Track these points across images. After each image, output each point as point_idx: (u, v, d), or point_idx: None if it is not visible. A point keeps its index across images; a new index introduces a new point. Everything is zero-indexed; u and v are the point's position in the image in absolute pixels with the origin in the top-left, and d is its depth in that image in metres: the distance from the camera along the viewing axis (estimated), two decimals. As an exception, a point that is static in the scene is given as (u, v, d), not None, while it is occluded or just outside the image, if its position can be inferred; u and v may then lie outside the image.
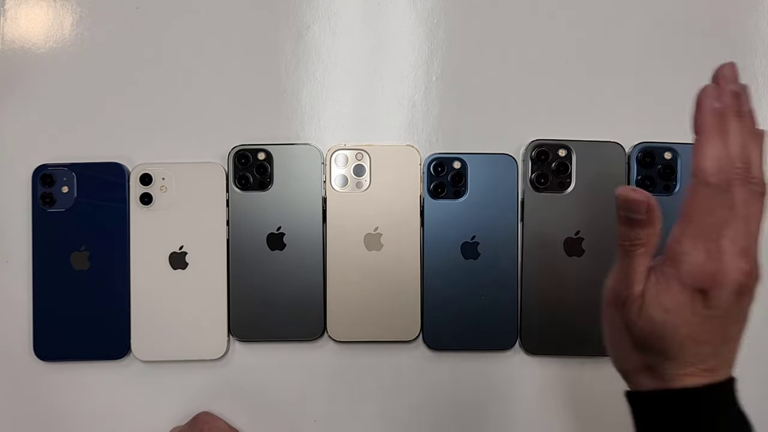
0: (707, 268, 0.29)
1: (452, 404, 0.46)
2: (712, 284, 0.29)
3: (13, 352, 0.46)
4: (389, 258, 0.45)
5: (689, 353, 0.30)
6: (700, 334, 0.30)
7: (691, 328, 0.29)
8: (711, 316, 0.29)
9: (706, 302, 0.29)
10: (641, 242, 0.31)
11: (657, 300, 0.30)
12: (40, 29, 0.47)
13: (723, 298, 0.29)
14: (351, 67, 0.47)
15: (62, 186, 0.45)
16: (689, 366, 0.30)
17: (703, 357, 0.30)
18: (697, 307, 0.29)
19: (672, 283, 0.29)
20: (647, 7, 0.47)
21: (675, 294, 0.29)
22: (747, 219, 0.29)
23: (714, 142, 0.29)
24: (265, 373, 0.46)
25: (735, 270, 0.28)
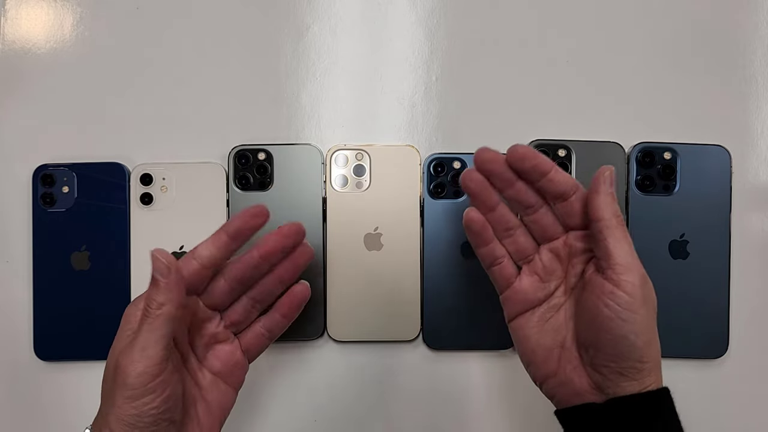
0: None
1: (452, 404, 0.46)
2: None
3: (13, 351, 0.46)
4: (389, 258, 0.45)
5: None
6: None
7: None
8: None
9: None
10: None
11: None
12: (41, 29, 0.47)
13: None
14: (351, 67, 0.47)
15: (63, 186, 0.45)
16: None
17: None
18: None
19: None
20: (647, 8, 0.47)
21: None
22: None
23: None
24: (265, 373, 0.46)
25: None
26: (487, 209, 0.36)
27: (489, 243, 0.37)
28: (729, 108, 0.47)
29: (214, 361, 0.37)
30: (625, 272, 0.32)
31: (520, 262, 0.37)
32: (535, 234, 0.37)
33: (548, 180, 0.34)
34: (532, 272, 0.37)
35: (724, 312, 0.44)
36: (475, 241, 0.37)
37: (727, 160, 0.45)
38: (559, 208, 0.35)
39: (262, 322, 0.38)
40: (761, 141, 0.46)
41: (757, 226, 0.46)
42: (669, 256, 0.44)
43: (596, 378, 0.33)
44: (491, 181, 0.35)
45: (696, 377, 0.45)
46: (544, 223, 0.36)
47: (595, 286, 0.33)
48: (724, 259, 0.44)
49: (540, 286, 0.36)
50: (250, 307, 0.37)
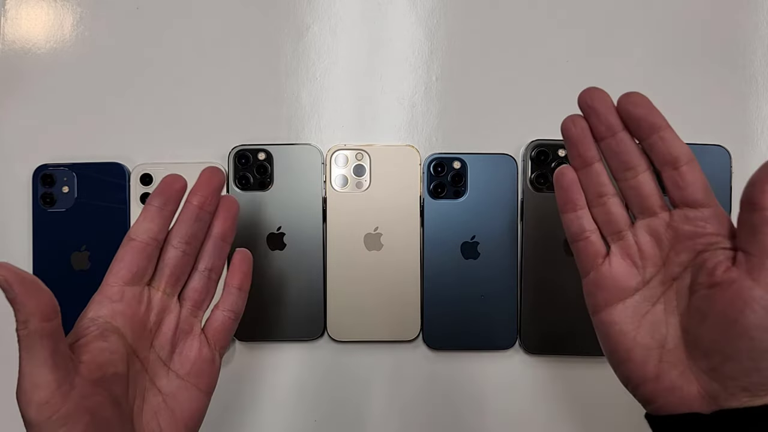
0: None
1: (452, 404, 0.46)
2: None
3: (13, 351, 0.46)
4: (389, 258, 0.45)
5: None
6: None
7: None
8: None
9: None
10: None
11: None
12: (41, 29, 0.47)
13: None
14: (351, 67, 0.47)
15: (63, 186, 0.45)
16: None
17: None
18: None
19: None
20: (647, 7, 0.47)
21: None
22: None
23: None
24: (265, 373, 0.46)
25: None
26: (583, 163, 0.32)
27: (578, 209, 0.32)
28: (729, 108, 0.46)
29: (182, 361, 0.34)
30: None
31: (610, 238, 0.32)
32: (632, 205, 0.31)
33: (660, 138, 0.30)
34: (625, 254, 0.31)
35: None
36: (564, 202, 0.32)
37: (727, 160, 0.45)
38: (667, 177, 0.30)
39: (220, 305, 0.36)
40: (761, 141, 0.46)
41: (757, 226, 0.46)
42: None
43: (713, 388, 0.28)
44: (593, 127, 0.31)
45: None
46: (645, 192, 0.31)
47: (739, 287, 0.27)
48: (724, 259, 0.44)
49: (633, 273, 0.31)
50: (206, 279, 0.35)
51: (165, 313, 0.34)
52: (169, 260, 0.34)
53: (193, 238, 0.35)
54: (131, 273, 0.32)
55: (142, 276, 0.33)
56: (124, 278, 0.32)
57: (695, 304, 0.29)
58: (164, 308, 0.34)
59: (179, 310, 0.35)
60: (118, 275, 0.32)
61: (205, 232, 0.35)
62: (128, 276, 0.32)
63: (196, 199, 0.34)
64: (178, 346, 0.34)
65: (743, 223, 0.28)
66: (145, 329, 0.33)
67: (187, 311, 0.35)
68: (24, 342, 0.27)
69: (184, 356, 0.34)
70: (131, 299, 0.33)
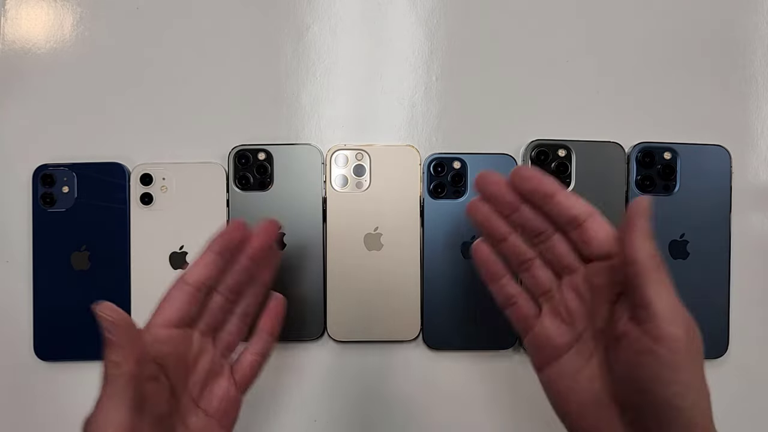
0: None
1: (452, 404, 0.46)
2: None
3: (13, 351, 0.46)
4: (389, 258, 0.45)
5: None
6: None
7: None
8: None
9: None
10: (658, 259, 0.29)
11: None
12: (41, 29, 0.47)
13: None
14: (351, 67, 0.47)
15: (62, 186, 0.45)
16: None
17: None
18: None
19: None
20: (647, 8, 0.47)
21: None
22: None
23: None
24: (265, 373, 0.46)
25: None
26: (496, 240, 0.34)
27: (499, 279, 0.34)
28: (729, 108, 0.46)
29: (210, 399, 0.35)
30: (667, 325, 0.27)
31: (540, 299, 0.34)
32: (553, 266, 0.33)
33: (555, 203, 0.31)
34: (555, 313, 0.33)
35: (724, 312, 0.44)
36: (484, 276, 0.35)
37: (727, 160, 0.45)
38: (572, 236, 0.32)
39: (251, 348, 0.37)
40: (761, 141, 0.46)
41: (757, 226, 0.46)
42: (669, 256, 0.44)
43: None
44: (497, 207, 0.33)
45: (696, 377, 0.45)
46: (558, 252, 0.32)
47: (632, 340, 0.28)
48: (724, 259, 0.44)
49: (564, 330, 0.32)
50: (242, 323, 0.37)
51: (201, 353, 0.35)
52: (214, 305, 0.35)
53: (240, 286, 0.36)
54: (180, 317, 0.33)
55: (189, 320, 0.34)
56: (173, 321, 0.33)
57: (609, 358, 0.30)
58: (201, 349, 0.35)
59: (213, 351, 0.35)
60: (168, 318, 0.33)
61: (249, 280, 0.36)
62: (177, 319, 0.33)
63: (252, 253, 0.35)
64: (209, 385, 0.35)
65: (626, 277, 0.29)
66: (185, 370, 0.34)
67: (220, 352, 0.36)
68: (111, 380, 0.29)
69: (213, 395, 0.35)
70: (177, 342, 0.33)
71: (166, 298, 0.33)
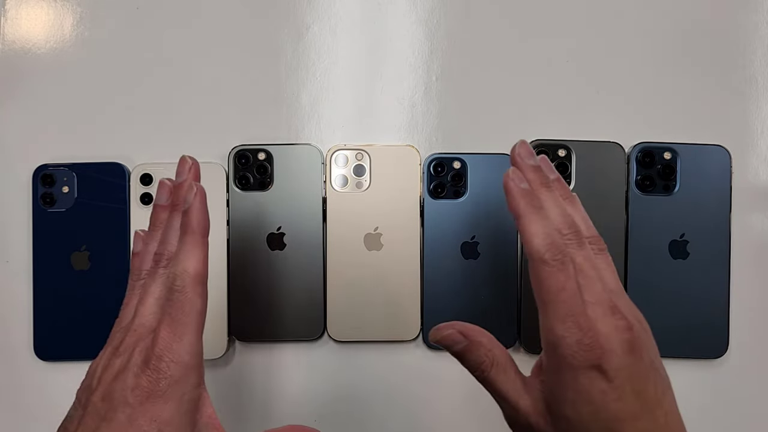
0: (586, 341, 0.26)
1: (452, 404, 0.46)
2: (599, 355, 0.26)
3: (13, 352, 0.46)
4: (389, 258, 0.45)
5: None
6: (622, 410, 0.26)
7: (608, 407, 0.26)
8: (619, 386, 0.26)
9: (605, 375, 0.26)
10: (484, 362, 0.30)
11: (560, 397, 0.27)
12: (41, 29, 0.47)
13: (618, 363, 0.26)
14: (351, 67, 0.47)
15: (63, 186, 0.45)
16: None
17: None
18: (599, 384, 0.26)
19: (563, 374, 0.27)
20: (647, 8, 0.47)
21: (572, 382, 0.27)
22: (600, 278, 0.29)
23: (534, 219, 0.29)
24: (265, 373, 0.46)
25: (613, 330, 0.27)
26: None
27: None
28: (729, 108, 0.47)
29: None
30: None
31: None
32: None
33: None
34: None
35: (724, 312, 0.44)
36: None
37: (727, 160, 0.45)
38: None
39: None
40: (761, 141, 0.46)
41: (757, 226, 0.46)
42: (669, 256, 0.44)
43: None
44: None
45: (696, 377, 0.45)
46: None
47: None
48: (724, 259, 0.44)
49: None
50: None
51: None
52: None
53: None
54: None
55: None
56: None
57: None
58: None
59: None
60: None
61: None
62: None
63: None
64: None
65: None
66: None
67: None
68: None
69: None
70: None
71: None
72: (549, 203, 0.30)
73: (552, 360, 0.28)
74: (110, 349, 0.30)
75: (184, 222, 0.30)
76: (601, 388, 0.26)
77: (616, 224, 0.44)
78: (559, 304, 0.27)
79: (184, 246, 0.30)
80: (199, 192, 0.31)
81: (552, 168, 0.33)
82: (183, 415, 0.27)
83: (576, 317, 0.27)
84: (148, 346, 0.28)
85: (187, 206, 0.30)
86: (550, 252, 0.28)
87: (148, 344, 0.28)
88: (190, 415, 0.28)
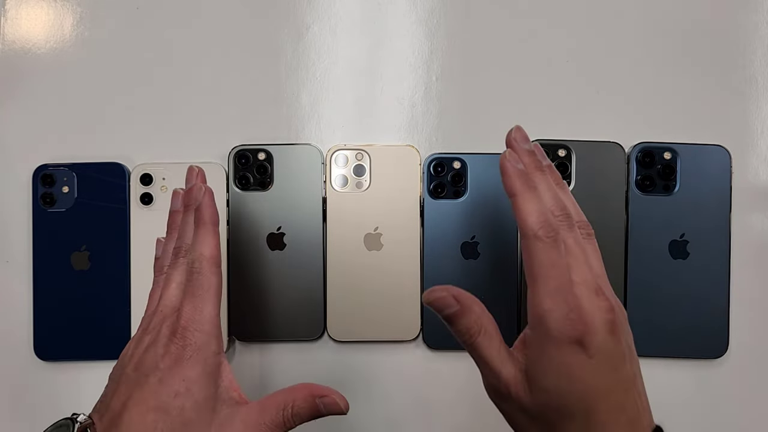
0: (572, 316, 0.28)
1: (452, 404, 0.46)
2: (583, 331, 0.28)
3: (13, 351, 0.46)
4: (389, 258, 0.45)
5: (599, 409, 0.28)
6: (598, 384, 0.28)
7: (586, 381, 0.28)
8: (598, 363, 0.28)
9: (587, 350, 0.28)
10: (473, 329, 0.31)
11: (540, 369, 0.29)
12: (41, 29, 0.47)
13: (599, 341, 0.28)
14: (351, 68, 0.47)
15: (63, 186, 0.45)
16: (608, 426, 0.28)
17: (614, 409, 0.28)
18: (580, 359, 0.28)
19: (546, 346, 0.29)
20: (647, 7, 0.47)
21: (554, 355, 0.28)
22: (587, 260, 0.30)
23: (529, 197, 0.31)
24: (265, 373, 0.46)
25: (597, 310, 0.28)
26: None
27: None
28: (729, 108, 0.46)
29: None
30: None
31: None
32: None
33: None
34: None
35: (724, 312, 0.44)
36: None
37: (727, 160, 0.45)
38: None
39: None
40: (761, 141, 0.46)
41: (757, 226, 0.46)
42: (669, 256, 0.44)
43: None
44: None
45: (696, 377, 0.45)
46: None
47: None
48: (724, 259, 0.44)
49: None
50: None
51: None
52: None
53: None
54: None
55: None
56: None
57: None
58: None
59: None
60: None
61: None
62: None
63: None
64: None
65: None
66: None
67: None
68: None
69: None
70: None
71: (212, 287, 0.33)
72: (543, 186, 0.32)
73: (537, 333, 0.29)
74: (140, 331, 0.33)
75: (197, 216, 0.34)
76: (580, 363, 0.28)
77: (616, 224, 0.44)
78: (549, 279, 0.29)
79: (198, 236, 0.34)
80: (207, 190, 0.35)
81: (545, 155, 0.35)
82: (207, 376, 0.31)
83: (564, 293, 0.29)
84: (174, 321, 0.32)
85: (197, 204, 0.34)
86: (543, 229, 0.30)
87: (174, 319, 0.32)
88: (213, 377, 0.31)
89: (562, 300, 0.28)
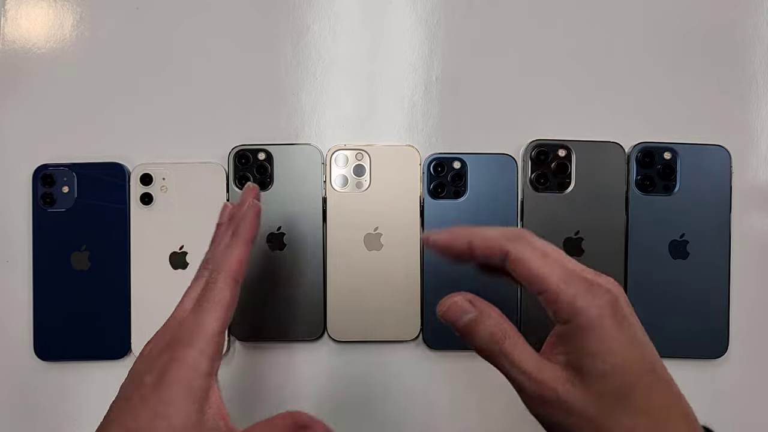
0: (595, 288, 0.27)
1: (452, 404, 0.46)
2: (611, 299, 0.27)
3: (13, 351, 0.46)
4: (389, 258, 0.45)
5: (658, 363, 0.28)
6: (645, 340, 0.28)
7: (638, 338, 0.27)
8: (635, 321, 0.28)
9: (622, 311, 0.27)
10: (497, 334, 0.29)
11: (588, 355, 0.27)
12: (41, 29, 0.47)
13: (624, 302, 0.28)
14: (351, 67, 0.47)
15: (63, 186, 0.45)
16: (668, 378, 0.28)
17: (661, 363, 0.28)
18: (622, 322, 0.27)
19: (588, 330, 0.27)
20: (647, 7, 0.47)
21: (599, 332, 0.27)
22: (562, 255, 0.29)
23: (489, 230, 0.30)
24: (265, 373, 0.46)
25: (605, 281, 0.28)
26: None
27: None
28: (729, 108, 0.47)
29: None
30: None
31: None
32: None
33: (471, 254, 0.31)
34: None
35: (724, 312, 0.44)
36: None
37: (727, 160, 0.45)
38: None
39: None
40: (761, 141, 0.46)
41: (757, 226, 0.46)
42: (669, 256, 0.44)
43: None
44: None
45: (696, 377, 0.45)
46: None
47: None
48: (724, 259, 0.44)
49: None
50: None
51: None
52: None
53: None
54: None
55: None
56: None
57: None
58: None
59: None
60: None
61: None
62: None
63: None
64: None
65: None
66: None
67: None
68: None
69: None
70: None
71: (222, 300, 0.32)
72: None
73: (572, 323, 0.27)
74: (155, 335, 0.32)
75: (234, 229, 0.34)
76: (626, 325, 0.27)
77: (616, 224, 0.44)
78: (553, 270, 0.28)
79: (226, 248, 0.33)
80: (254, 207, 0.35)
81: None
82: (190, 401, 0.28)
83: (575, 275, 0.27)
84: (173, 333, 0.31)
85: (242, 219, 0.34)
86: (518, 239, 0.29)
87: (173, 332, 0.31)
88: (197, 402, 0.28)
89: (578, 280, 0.27)
